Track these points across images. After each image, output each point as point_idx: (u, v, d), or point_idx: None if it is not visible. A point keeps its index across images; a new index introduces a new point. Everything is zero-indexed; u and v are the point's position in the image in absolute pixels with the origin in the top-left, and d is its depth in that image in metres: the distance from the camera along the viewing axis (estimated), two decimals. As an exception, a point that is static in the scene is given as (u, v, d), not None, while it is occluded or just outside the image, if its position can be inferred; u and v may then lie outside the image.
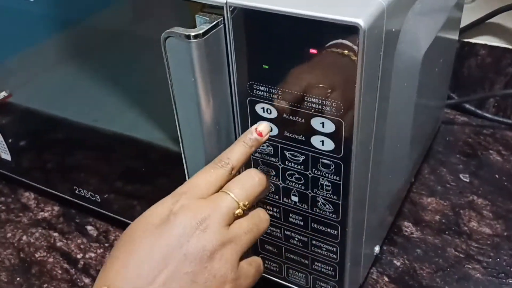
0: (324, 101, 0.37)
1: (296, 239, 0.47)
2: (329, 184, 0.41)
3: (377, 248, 0.55)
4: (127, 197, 0.59)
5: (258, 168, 0.44)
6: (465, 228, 0.61)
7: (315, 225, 0.44)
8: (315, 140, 0.39)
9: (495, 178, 0.67)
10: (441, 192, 0.66)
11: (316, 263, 0.47)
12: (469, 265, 0.56)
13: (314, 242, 0.46)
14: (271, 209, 0.46)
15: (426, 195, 0.65)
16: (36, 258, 0.60)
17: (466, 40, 0.76)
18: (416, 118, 0.52)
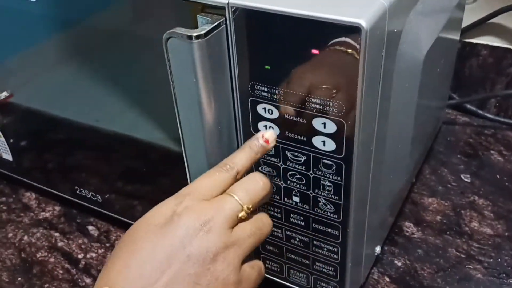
0: (326, 102, 0.37)
1: (297, 239, 0.47)
2: (331, 185, 0.41)
3: (378, 248, 0.55)
4: (128, 197, 0.59)
5: (260, 169, 0.44)
6: (466, 229, 0.61)
7: (316, 226, 0.44)
8: (317, 141, 0.39)
9: (496, 179, 0.67)
10: (442, 193, 0.65)
11: (317, 263, 0.47)
12: (470, 266, 0.56)
13: (315, 243, 0.46)
14: (273, 209, 0.46)
15: (427, 196, 0.65)
16: (37, 258, 0.60)
17: (468, 41, 0.76)
18: (418, 118, 0.52)
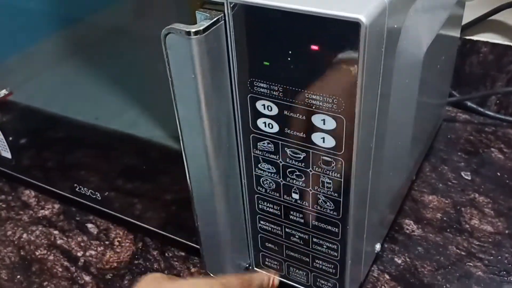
0: (325, 98, 0.37)
1: (297, 237, 0.47)
2: (330, 182, 0.41)
3: (378, 246, 0.54)
4: (128, 195, 0.59)
5: (260, 166, 0.44)
6: (467, 226, 0.60)
7: (316, 223, 0.44)
8: (316, 137, 0.39)
9: (497, 176, 0.67)
10: (443, 190, 0.65)
11: (317, 261, 0.47)
12: (471, 263, 0.56)
13: (315, 240, 0.46)
14: (272, 207, 0.46)
15: (428, 193, 0.65)
16: (37, 256, 0.60)
17: (468, 38, 0.76)
18: (418, 116, 0.52)
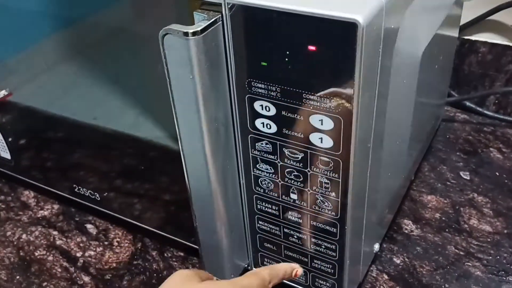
0: (323, 98, 0.37)
1: (295, 237, 0.47)
2: (328, 182, 0.41)
3: (377, 246, 0.54)
4: (127, 196, 0.59)
5: (258, 167, 0.44)
6: (465, 226, 0.60)
7: (314, 223, 0.44)
8: (314, 138, 0.39)
9: (496, 176, 0.67)
10: (441, 190, 0.65)
11: (315, 261, 0.47)
12: (469, 263, 0.56)
13: (313, 240, 0.46)
14: (270, 207, 0.46)
15: (426, 193, 0.65)
16: (36, 257, 0.60)
17: (467, 37, 0.76)
18: (416, 116, 0.52)
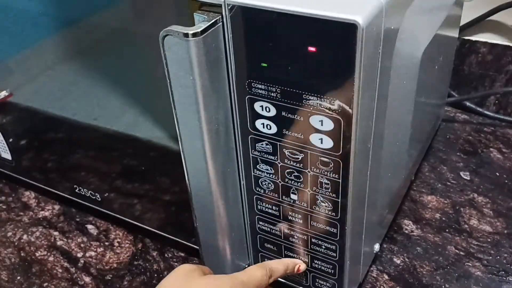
0: (323, 99, 0.37)
1: (295, 237, 0.47)
2: (328, 182, 0.41)
3: (377, 246, 0.54)
4: (128, 196, 0.59)
5: (258, 167, 0.44)
6: (466, 226, 0.60)
7: (314, 223, 0.44)
8: (314, 138, 0.39)
9: (496, 176, 0.67)
10: (442, 190, 0.65)
11: (316, 261, 0.47)
12: (469, 263, 0.56)
13: (314, 240, 0.46)
14: (271, 207, 0.46)
15: (427, 193, 0.65)
16: (37, 257, 0.60)
17: (467, 38, 0.76)
18: (416, 116, 0.52)
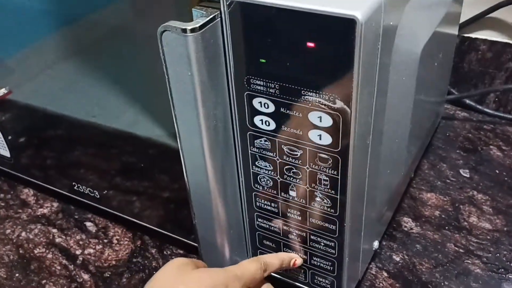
0: (322, 95, 0.37)
1: (294, 234, 0.47)
2: (327, 179, 0.41)
3: (376, 243, 0.54)
4: (126, 193, 0.59)
5: (257, 164, 0.44)
6: (465, 223, 0.60)
7: (313, 220, 0.44)
8: (313, 134, 0.39)
9: (495, 174, 0.67)
10: (441, 188, 0.65)
11: (315, 258, 0.47)
12: (469, 260, 0.56)
13: (312, 237, 0.46)
14: (269, 204, 0.46)
15: (426, 191, 0.65)
16: (35, 254, 0.60)
17: (467, 35, 0.75)
18: (415, 113, 0.52)
